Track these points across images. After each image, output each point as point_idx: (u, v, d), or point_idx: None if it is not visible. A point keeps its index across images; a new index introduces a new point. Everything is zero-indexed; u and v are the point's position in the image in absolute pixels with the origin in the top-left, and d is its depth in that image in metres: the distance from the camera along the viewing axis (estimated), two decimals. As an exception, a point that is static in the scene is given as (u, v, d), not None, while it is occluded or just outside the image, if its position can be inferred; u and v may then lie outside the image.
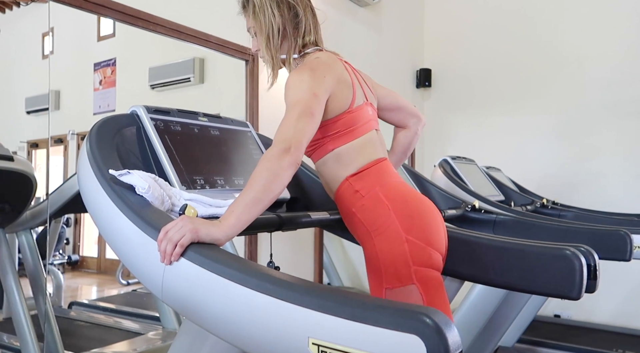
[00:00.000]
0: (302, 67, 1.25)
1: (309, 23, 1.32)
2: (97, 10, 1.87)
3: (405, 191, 1.27)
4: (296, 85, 1.18)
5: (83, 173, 1.07)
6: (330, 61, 1.30)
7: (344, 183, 1.27)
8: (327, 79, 1.22)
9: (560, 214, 2.71)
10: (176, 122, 1.33)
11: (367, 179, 1.25)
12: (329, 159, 1.28)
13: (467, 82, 4.07)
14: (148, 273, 0.92)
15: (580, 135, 3.59)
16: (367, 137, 1.29)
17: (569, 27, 3.66)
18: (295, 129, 1.09)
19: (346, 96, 1.27)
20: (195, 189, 1.22)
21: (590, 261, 1.22)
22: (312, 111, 1.13)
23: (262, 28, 1.28)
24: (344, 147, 1.26)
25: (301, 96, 1.15)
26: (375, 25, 3.63)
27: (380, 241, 1.18)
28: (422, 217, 1.21)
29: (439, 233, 1.23)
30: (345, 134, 1.26)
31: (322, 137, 1.26)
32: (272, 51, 1.29)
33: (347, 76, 1.31)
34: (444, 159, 2.61)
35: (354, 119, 1.27)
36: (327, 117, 1.24)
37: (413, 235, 1.17)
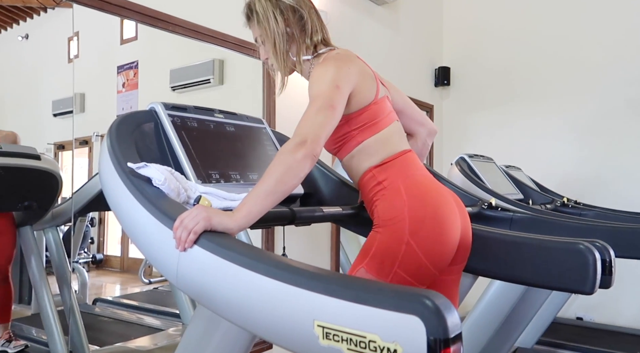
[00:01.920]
0: (326, 61, 1.26)
1: (315, 23, 1.33)
2: (118, 12, 1.93)
3: (428, 186, 1.24)
4: (320, 77, 1.20)
5: (103, 167, 1.11)
6: (349, 55, 1.32)
7: (367, 173, 1.27)
8: (352, 71, 1.23)
9: (581, 213, 2.66)
10: (193, 118, 1.37)
11: (391, 171, 1.25)
12: (357, 153, 1.29)
13: (487, 80, 4.04)
14: (164, 260, 0.95)
15: (602, 133, 3.52)
16: (391, 128, 1.30)
17: (591, 23, 3.60)
18: (314, 122, 1.10)
19: (370, 87, 1.28)
20: (210, 183, 1.26)
21: (605, 256, 1.21)
22: (332, 103, 1.14)
23: (268, 35, 1.30)
24: (371, 139, 1.27)
25: (323, 88, 1.16)
26: (392, 24, 3.63)
27: (383, 233, 1.19)
28: (434, 224, 1.17)
29: (448, 242, 1.18)
30: (371, 126, 1.27)
31: (349, 130, 1.27)
32: (280, 56, 1.31)
33: (368, 68, 1.33)
34: (461, 157, 2.59)
35: (379, 111, 1.28)
36: (352, 110, 1.25)
37: (416, 240, 1.14)
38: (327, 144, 1.33)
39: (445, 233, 1.18)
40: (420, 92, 3.93)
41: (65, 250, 2.19)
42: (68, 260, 2.21)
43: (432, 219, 1.17)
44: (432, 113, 4.08)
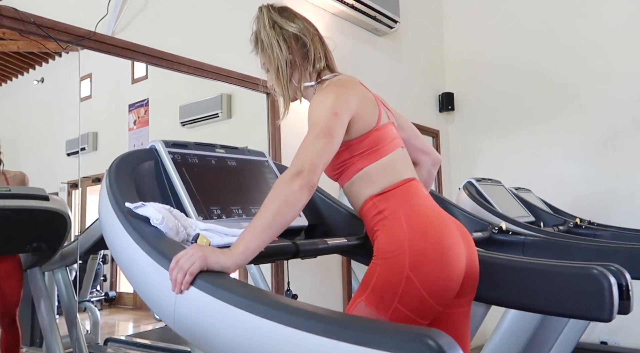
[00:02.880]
0: (326, 88, 1.26)
1: (318, 51, 1.34)
2: (124, 54, 1.98)
3: (430, 217, 1.20)
4: (318, 105, 1.19)
5: (102, 207, 1.11)
6: (352, 81, 1.32)
7: (367, 202, 1.24)
8: (351, 97, 1.22)
9: (595, 234, 2.59)
10: (193, 154, 1.37)
11: (393, 201, 1.21)
12: (357, 180, 1.26)
13: (491, 103, 4.03)
14: (161, 303, 0.93)
15: (612, 152, 3.47)
16: (394, 155, 1.27)
17: (595, 42, 3.59)
18: (312, 151, 1.08)
19: (372, 113, 1.27)
20: (211, 219, 1.25)
21: (621, 280, 1.16)
22: (331, 131, 1.12)
23: (272, 62, 1.31)
24: (371, 166, 1.24)
25: (321, 115, 1.15)
26: (394, 53, 3.67)
27: (383, 265, 1.15)
28: (436, 258, 1.12)
29: (451, 276, 1.13)
30: (372, 153, 1.24)
31: (349, 157, 1.25)
32: (282, 83, 1.31)
33: (370, 95, 1.32)
34: (469, 182, 2.56)
35: (381, 137, 1.26)
36: (353, 136, 1.23)
37: (416, 274, 1.10)
38: (327, 170, 1.31)
39: (448, 265, 1.13)
40: (425, 118, 3.93)
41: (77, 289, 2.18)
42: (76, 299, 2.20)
43: (434, 251, 1.13)
44: (438, 138, 4.07)
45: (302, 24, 1.34)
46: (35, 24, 1.68)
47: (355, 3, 3.07)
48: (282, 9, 1.37)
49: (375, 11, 3.23)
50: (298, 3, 2.86)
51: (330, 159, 1.14)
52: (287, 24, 1.32)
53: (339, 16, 3.13)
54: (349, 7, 3.07)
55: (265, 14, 1.34)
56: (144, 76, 2.74)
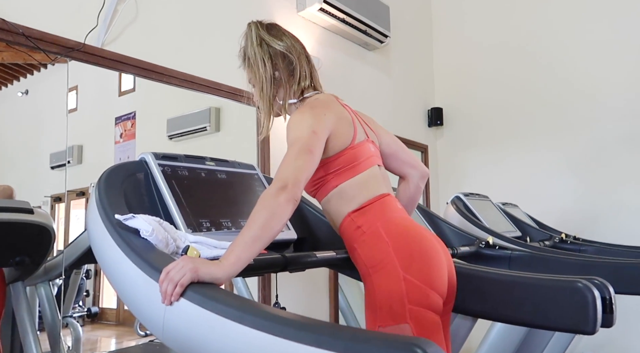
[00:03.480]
0: (302, 108, 1.30)
1: (304, 69, 1.37)
2: (114, 66, 1.98)
3: (408, 227, 1.25)
4: (296, 124, 1.22)
5: (91, 219, 1.10)
6: (328, 100, 1.35)
7: (346, 219, 1.28)
8: (327, 117, 1.25)
9: (580, 249, 2.63)
10: (183, 167, 1.37)
11: (369, 215, 1.25)
12: (333, 197, 1.29)
13: (479, 119, 4.09)
14: (150, 315, 0.93)
15: (597, 168, 3.53)
16: (369, 172, 1.31)
17: (581, 59, 3.67)
18: (294, 167, 1.12)
19: (347, 132, 1.30)
20: (201, 232, 1.25)
21: (604, 294, 1.18)
22: (310, 148, 1.16)
23: (257, 79, 1.34)
24: (347, 183, 1.28)
25: (300, 134, 1.18)
26: (384, 68, 3.72)
27: (378, 278, 1.17)
28: (422, 255, 1.18)
29: (441, 272, 1.19)
30: (347, 170, 1.28)
31: (324, 174, 1.28)
32: (266, 99, 1.34)
33: (347, 113, 1.35)
34: (457, 196, 2.59)
35: (356, 155, 1.29)
36: (329, 154, 1.26)
37: (411, 273, 1.14)
38: (306, 187, 1.34)
39: (434, 261, 1.19)
40: (414, 133, 3.97)
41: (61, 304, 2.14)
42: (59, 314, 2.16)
43: (419, 251, 1.18)
44: (427, 153, 4.11)
45: (289, 42, 1.37)
46: (24, 35, 1.67)
47: (346, 17, 3.11)
48: (270, 26, 1.40)
49: (366, 26, 3.28)
50: (290, 17, 2.89)
51: (311, 174, 1.17)
52: (274, 41, 1.35)
53: (330, 30, 3.17)
54: (340, 22, 3.11)
55: (254, 31, 1.37)
56: (131, 89, 2.73)
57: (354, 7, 3.15)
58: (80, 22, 1.87)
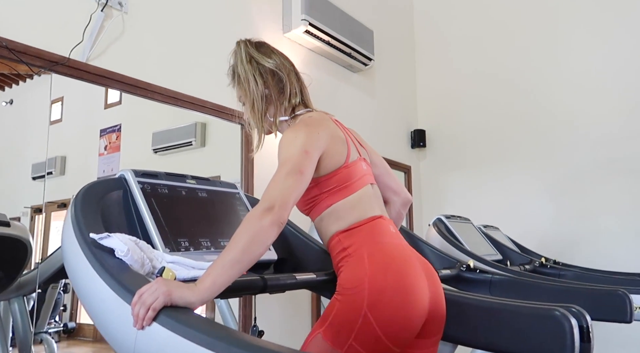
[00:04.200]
0: (297, 125, 1.28)
1: (294, 86, 1.37)
2: (99, 81, 1.97)
3: (394, 257, 1.20)
4: (289, 142, 1.20)
5: (65, 236, 1.08)
6: (322, 118, 1.34)
7: (334, 238, 1.26)
8: (321, 136, 1.24)
9: (560, 273, 2.65)
10: (163, 185, 1.36)
11: (357, 238, 1.22)
12: (326, 216, 1.27)
13: (462, 141, 4.14)
14: (121, 339, 0.90)
15: (577, 193, 3.58)
16: (362, 192, 1.29)
17: (559, 86, 3.75)
18: (282, 188, 1.09)
19: (341, 151, 1.29)
20: (179, 252, 1.23)
21: (582, 322, 1.19)
22: (301, 168, 1.14)
23: (248, 96, 1.34)
24: (340, 203, 1.26)
25: (292, 153, 1.16)
26: (368, 89, 3.76)
27: (342, 302, 1.15)
28: (395, 298, 1.12)
29: (408, 323, 1.12)
30: (341, 190, 1.26)
31: (319, 193, 1.27)
32: (257, 116, 1.33)
33: (340, 132, 1.34)
34: (438, 218, 2.59)
35: (350, 175, 1.28)
36: (323, 173, 1.25)
37: (373, 314, 1.09)
38: (299, 205, 1.32)
39: (407, 306, 1.12)
40: (397, 154, 4.00)
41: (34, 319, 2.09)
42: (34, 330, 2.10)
43: (394, 290, 1.13)
44: (409, 174, 4.14)
45: (278, 60, 1.37)
46: (7, 48, 1.66)
47: (331, 40, 3.15)
48: (259, 44, 1.40)
49: (351, 48, 3.32)
50: (275, 38, 2.92)
51: (300, 195, 1.15)
52: (263, 59, 1.35)
53: (315, 52, 3.21)
54: (325, 44, 3.15)
55: (243, 49, 1.36)
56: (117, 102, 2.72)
57: (339, 30, 3.19)
58: (67, 36, 1.86)
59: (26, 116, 2.29)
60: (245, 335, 0.82)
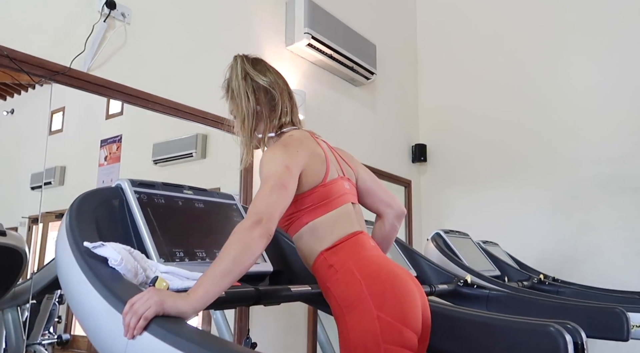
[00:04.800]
0: (276, 144, 1.31)
1: (286, 105, 1.39)
2: (100, 91, 1.99)
3: (380, 265, 1.24)
4: (270, 160, 1.23)
5: (59, 244, 1.08)
6: (302, 137, 1.36)
7: (319, 257, 1.27)
8: (300, 154, 1.26)
9: (558, 290, 2.64)
10: (160, 195, 1.36)
11: (342, 254, 1.24)
12: (305, 233, 1.29)
13: (462, 157, 4.15)
14: (111, 348, 0.90)
15: (576, 210, 3.57)
16: (341, 210, 1.31)
17: (563, 103, 3.76)
18: (268, 202, 1.12)
19: (319, 170, 1.31)
20: (173, 262, 1.22)
21: (576, 338, 1.18)
22: (284, 183, 1.16)
23: (239, 111, 1.36)
24: (318, 220, 1.27)
25: (274, 169, 1.19)
26: (369, 103, 3.78)
27: (351, 318, 1.15)
28: (396, 293, 1.17)
29: (414, 310, 1.18)
30: (319, 207, 1.28)
31: (296, 210, 1.28)
32: (247, 131, 1.36)
33: (320, 151, 1.36)
34: (437, 233, 2.59)
35: (328, 193, 1.30)
36: (301, 190, 1.26)
37: (385, 312, 1.13)
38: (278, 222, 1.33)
39: (408, 300, 1.17)
40: (398, 168, 4.01)
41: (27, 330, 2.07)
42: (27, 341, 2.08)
43: (392, 290, 1.17)
44: (410, 188, 4.14)
45: (273, 78, 1.40)
46: (8, 57, 1.68)
47: (333, 54, 3.18)
48: (255, 61, 1.42)
49: (353, 62, 3.35)
50: (278, 50, 2.94)
51: (284, 209, 1.17)
52: (258, 76, 1.38)
53: (318, 65, 3.23)
54: (327, 57, 3.17)
55: (239, 64, 1.39)
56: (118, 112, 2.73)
57: (342, 44, 3.22)
58: (68, 46, 1.88)
59: (27, 126, 2.30)
60: (237, 345, 0.81)
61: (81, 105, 2.51)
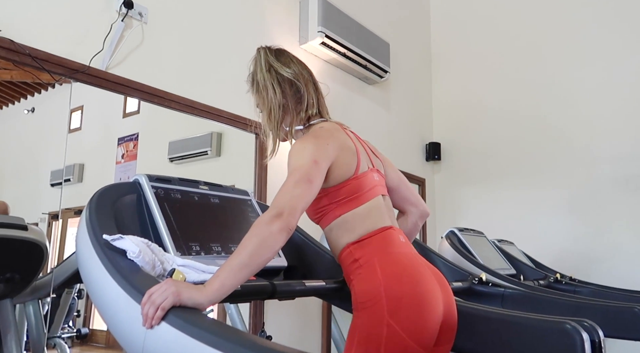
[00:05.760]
0: (306, 136, 1.29)
1: (312, 97, 1.37)
2: (117, 89, 2.02)
3: (406, 267, 1.20)
4: (298, 152, 1.21)
5: (79, 237, 1.11)
6: (333, 129, 1.34)
7: (345, 250, 1.26)
8: (330, 147, 1.25)
9: (575, 290, 2.60)
10: (176, 190, 1.38)
11: (368, 249, 1.22)
12: (335, 226, 1.28)
13: (477, 155, 4.12)
14: (130, 337, 0.92)
15: (593, 209, 3.53)
16: (372, 203, 1.29)
17: (579, 102, 3.71)
18: (292, 196, 1.10)
19: (350, 162, 1.29)
20: (190, 255, 1.24)
21: (593, 336, 1.17)
22: (310, 177, 1.15)
23: (265, 104, 1.35)
24: (349, 213, 1.26)
25: (301, 163, 1.17)
26: (383, 101, 3.78)
27: (363, 316, 1.15)
28: (413, 302, 1.13)
29: (429, 324, 1.13)
30: (350, 201, 1.26)
31: (328, 203, 1.27)
32: (273, 124, 1.34)
33: (351, 143, 1.34)
34: (451, 231, 2.58)
35: (359, 186, 1.28)
36: (332, 183, 1.25)
37: (396, 320, 1.10)
38: (310, 214, 1.33)
39: (426, 309, 1.13)
40: (412, 167, 4.00)
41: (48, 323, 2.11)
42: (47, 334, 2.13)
43: (411, 296, 1.13)
44: (424, 187, 4.12)
45: (297, 69, 1.38)
46: (31, 56, 1.71)
47: (347, 52, 3.18)
48: (279, 52, 1.40)
49: (367, 60, 3.35)
50: (292, 49, 2.94)
51: (308, 204, 1.15)
52: (282, 68, 1.36)
53: (331, 63, 3.24)
54: (341, 56, 3.18)
55: (263, 57, 1.37)
56: (135, 111, 2.77)
57: (355, 42, 3.22)
58: (87, 45, 1.92)
59: (47, 124, 2.35)
60: (253, 336, 0.82)
61: (99, 104, 2.55)
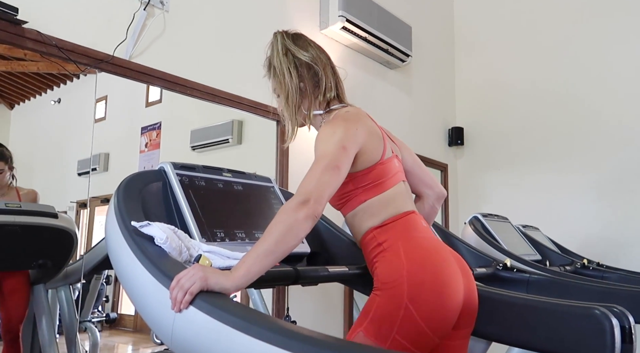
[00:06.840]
0: (335, 120, 1.28)
1: (330, 80, 1.35)
2: (141, 78, 2.04)
3: (429, 251, 1.20)
4: (327, 137, 1.20)
5: (109, 224, 1.13)
6: (360, 114, 1.33)
7: (368, 234, 1.26)
8: (359, 132, 1.24)
9: (603, 276, 2.55)
10: (201, 177, 1.40)
11: (392, 232, 1.23)
12: (359, 211, 1.28)
13: (501, 140, 4.05)
14: (159, 321, 0.94)
15: (622, 194, 3.44)
16: (396, 189, 1.29)
17: (607, 83, 3.61)
18: (319, 182, 1.09)
19: (377, 147, 1.29)
20: (215, 242, 1.26)
21: (624, 322, 1.14)
22: (338, 164, 1.14)
23: (283, 88, 1.33)
24: (374, 199, 1.26)
25: (330, 148, 1.16)
26: (405, 86, 3.73)
27: (382, 297, 1.15)
28: (433, 288, 1.13)
29: (448, 313, 1.13)
30: (375, 186, 1.26)
31: (354, 188, 1.27)
32: (291, 109, 1.33)
33: (377, 128, 1.34)
34: (475, 217, 2.55)
35: (384, 171, 1.28)
36: (358, 168, 1.25)
37: (414, 305, 1.10)
38: (331, 199, 1.32)
39: (445, 297, 1.13)
40: (434, 152, 3.95)
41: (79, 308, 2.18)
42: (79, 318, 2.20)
43: (432, 283, 1.13)
44: (446, 172, 4.08)
45: (315, 53, 1.36)
46: (57, 47, 1.74)
47: (368, 36, 3.14)
48: (296, 36, 1.39)
49: (388, 44, 3.30)
50: (312, 34, 2.93)
51: (335, 191, 1.15)
52: (299, 52, 1.34)
53: (352, 48, 3.21)
54: (362, 40, 3.14)
55: (279, 41, 1.36)
56: (157, 100, 2.80)
57: (376, 26, 3.18)
58: (110, 35, 1.94)
59: (73, 115, 2.39)
60: (281, 321, 0.84)
61: (122, 93, 2.58)
